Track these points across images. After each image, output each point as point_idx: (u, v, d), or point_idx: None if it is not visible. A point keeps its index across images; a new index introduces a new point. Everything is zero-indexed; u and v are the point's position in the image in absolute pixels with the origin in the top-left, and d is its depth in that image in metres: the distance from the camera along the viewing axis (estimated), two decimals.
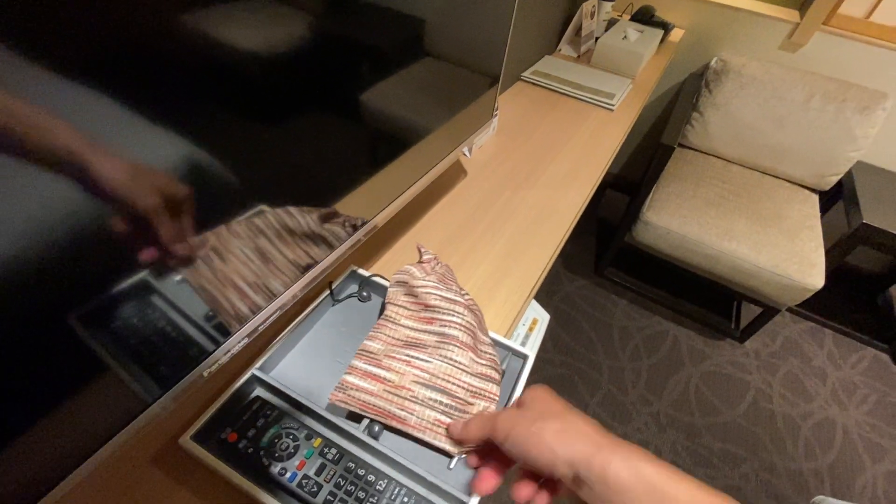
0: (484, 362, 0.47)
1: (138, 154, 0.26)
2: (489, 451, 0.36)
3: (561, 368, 1.45)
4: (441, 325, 0.49)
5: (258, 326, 0.44)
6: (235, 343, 0.41)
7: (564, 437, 0.29)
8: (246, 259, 0.39)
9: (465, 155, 0.89)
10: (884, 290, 1.83)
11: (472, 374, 0.46)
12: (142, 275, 0.30)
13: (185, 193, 0.30)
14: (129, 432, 0.34)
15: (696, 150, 1.69)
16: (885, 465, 1.33)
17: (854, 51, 1.48)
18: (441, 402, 0.44)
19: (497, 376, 0.47)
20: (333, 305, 0.55)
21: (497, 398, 0.46)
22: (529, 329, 0.81)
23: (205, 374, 0.38)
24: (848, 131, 1.43)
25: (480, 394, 0.45)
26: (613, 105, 1.10)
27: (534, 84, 1.17)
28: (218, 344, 0.40)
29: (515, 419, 0.32)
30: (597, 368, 1.47)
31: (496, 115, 0.92)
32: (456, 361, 0.46)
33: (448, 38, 0.54)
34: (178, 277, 0.33)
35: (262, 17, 0.30)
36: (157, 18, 0.24)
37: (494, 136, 0.96)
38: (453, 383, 0.45)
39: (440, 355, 0.47)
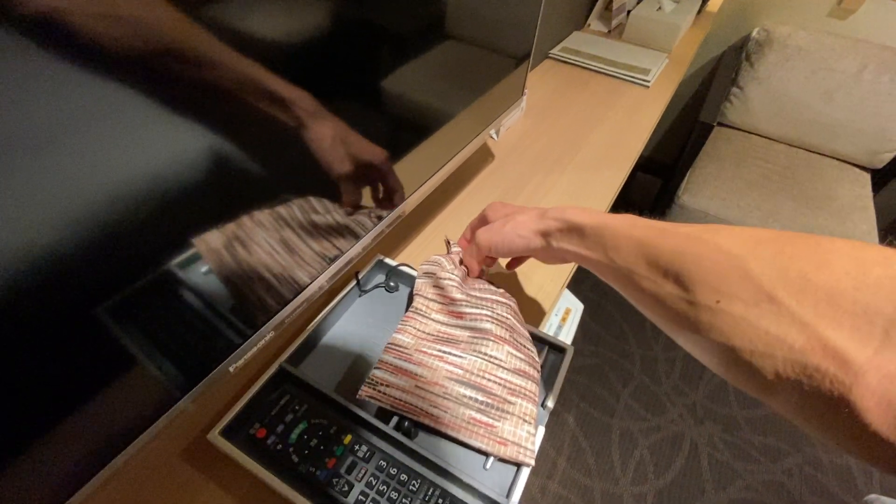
0: (522, 356, 0.44)
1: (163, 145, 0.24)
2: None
3: (591, 359, 1.41)
4: (472, 320, 0.46)
5: (284, 319, 0.42)
6: (262, 337, 0.40)
7: (523, 227, 0.41)
8: (271, 250, 0.37)
9: (492, 138, 0.85)
10: None
11: (510, 371, 0.43)
12: (167, 266, 0.29)
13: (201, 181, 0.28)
14: (157, 427, 0.33)
15: (737, 129, 1.60)
16: None
17: None
18: (476, 400, 0.42)
19: (536, 374, 0.44)
20: (360, 296, 0.53)
21: (536, 396, 0.43)
22: (562, 319, 0.78)
23: (231, 369, 0.37)
24: None
25: (520, 392, 0.42)
26: (649, 81, 1.03)
27: (563, 62, 1.11)
28: (245, 337, 0.38)
29: (489, 234, 0.44)
30: (629, 358, 1.42)
31: (525, 94, 0.88)
32: (492, 357, 0.43)
33: (475, 14, 0.50)
34: (203, 269, 0.31)
35: (279, 5, 0.28)
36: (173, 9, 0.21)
37: (523, 117, 0.92)
38: (490, 380, 0.43)
39: (474, 350, 0.44)
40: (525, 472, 0.40)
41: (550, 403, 0.44)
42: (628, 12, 1.28)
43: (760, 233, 0.26)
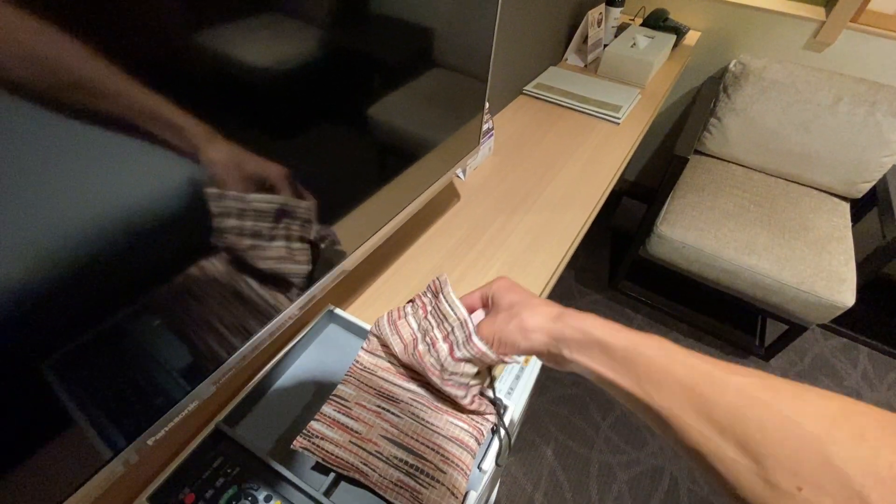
0: (465, 426, 0.44)
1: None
2: None
3: (572, 389, 1.40)
4: (417, 384, 0.46)
5: (221, 378, 0.42)
6: (189, 403, 0.40)
7: (532, 328, 0.36)
8: (214, 300, 0.38)
9: (459, 177, 0.86)
10: None
11: (446, 438, 0.43)
12: (106, 318, 0.29)
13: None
14: (87, 490, 0.33)
15: (715, 158, 1.61)
16: None
17: (885, 49, 1.39)
18: (406, 463, 0.42)
19: (475, 445, 0.44)
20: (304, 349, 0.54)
21: (469, 470, 0.43)
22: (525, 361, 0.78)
23: (149, 442, 0.36)
24: (880, 135, 1.34)
25: (454, 463, 0.42)
26: (619, 118, 1.05)
27: (536, 98, 1.13)
28: (172, 402, 0.38)
29: (490, 329, 0.39)
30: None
31: (491, 135, 0.89)
32: (428, 423, 0.44)
33: (433, 55, 0.51)
34: (146, 321, 0.32)
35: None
36: (167, 32, 0.23)
37: (491, 156, 0.93)
38: (424, 444, 0.43)
39: (412, 413, 0.44)
40: None
41: (486, 466, 0.44)
42: (605, 47, 1.31)
43: (829, 403, 0.23)
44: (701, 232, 1.33)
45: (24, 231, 0.23)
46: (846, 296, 1.20)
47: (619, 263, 1.63)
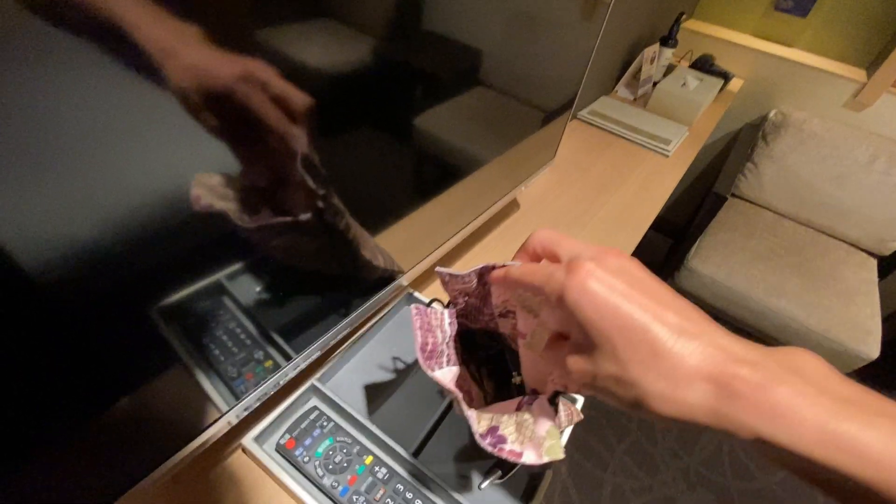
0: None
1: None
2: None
3: (589, 411, 1.41)
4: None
5: (328, 343, 0.46)
6: (306, 360, 0.44)
7: (679, 404, 0.20)
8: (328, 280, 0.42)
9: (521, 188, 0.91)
10: None
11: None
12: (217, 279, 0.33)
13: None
14: (204, 439, 0.37)
15: (748, 201, 1.65)
16: None
17: None
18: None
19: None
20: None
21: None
22: None
23: (270, 392, 0.40)
24: None
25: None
26: (669, 151, 1.10)
27: (589, 124, 1.19)
28: (289, 359, 0.42)
29: (595, 375, 0.23)
30: (627, 415, 1.42)
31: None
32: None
33: (516, 71, 0.55)
34: (260, 291, 0.36)
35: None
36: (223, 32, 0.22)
37: (549, 173, 0.98)
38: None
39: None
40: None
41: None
42: (654, 84, 1.37)
43: None
44: (731, 270, 1.36)
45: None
46: (871, 347, 1.22)
47: None
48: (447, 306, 0.41)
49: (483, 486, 0.44)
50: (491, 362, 0.48)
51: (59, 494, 0.28)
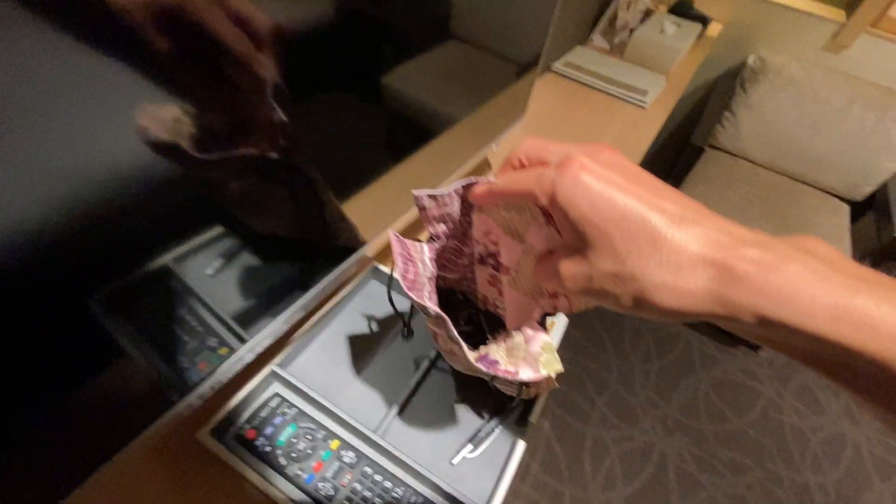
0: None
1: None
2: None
3: (570, 365, 1.44)
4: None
5: (283, 326, 0.43)
6: (264, 341, 0.41)
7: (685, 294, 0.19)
8: (275, 255, 0.38)
9: (493, 148, 0.86)
10: None
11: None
12: (163, 262, 0.29)
13: None
14: (155, 430, 0.34)
15: (725, 152, 1.64)
16: (895, 484, 1.31)
17: None
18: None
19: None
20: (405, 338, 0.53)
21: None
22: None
23: (223, 380, 0.37)
24: (887, 141, 1.37)
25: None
26: (646, 103, 1.06)
27: (564, 76, 1.13)
28: (243, 342, 0.39)
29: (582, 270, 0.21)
30: (606, 367, 1.46)
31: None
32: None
33: (480, 22, 0.51)
34: (209, 271, 0.32)
35: None
36: None
37: (521, 128, 0.93)
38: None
39: None
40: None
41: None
42: (631, 31, 1.30)
43: None
44: None
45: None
46: None
47: None
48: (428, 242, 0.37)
49: (455, 461, 0.43)
50: (469, 323, 0.46)
51: None
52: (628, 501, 1.19)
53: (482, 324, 0.44)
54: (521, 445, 0.44)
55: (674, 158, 1.87)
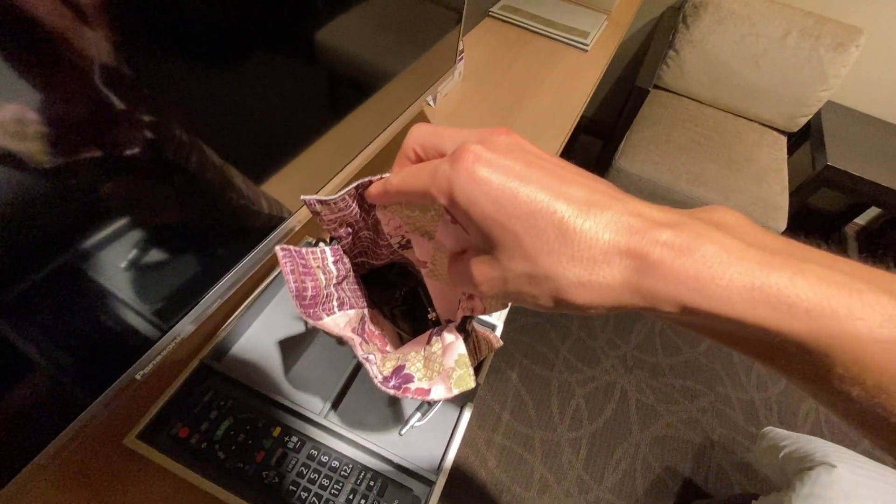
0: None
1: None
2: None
3: (534, 318, 1.47)
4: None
5: (203, 311, 0.40)
6: (177, 334, 0.37)
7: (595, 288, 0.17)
8: (180, 232, 0.34)
9: (430, 105, 0.82)
10: (839, 229, 1.91)
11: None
12: (64, 258, 0.26)
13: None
14: (62, 440, 0.31)
15: (671, 92, 1.64)
16: None
17: None
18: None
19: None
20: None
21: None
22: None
23: (138, 376, 0.34)
24: (821, 69, 1.41)
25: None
26: (588, 45, 1.03)
27: (503, 21, 1.08)
28: (161, 332, 0.36)
29: (505, 283, 0.19)
30: (567, 317, 1.50)
31: (461, 58, 0.84)
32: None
33: None
34: (106, 258, 0.28)
35: None
36: None
37: (462, 82, 0.89)
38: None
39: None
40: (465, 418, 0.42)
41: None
42: None
43: None
44: (657, 165, 1.38)
45: None
46: (780, 222, 1.31)
47: None
48: (330, 243, 0.35)
49: (403, 431, 0.42)
50: (407, 301, 0.44)
51: None
52: (594, 436, 1.26)
53: (422, 297, 0.42)
54: (468, 408, 0.44)
55: (623, 103, 1.86)
